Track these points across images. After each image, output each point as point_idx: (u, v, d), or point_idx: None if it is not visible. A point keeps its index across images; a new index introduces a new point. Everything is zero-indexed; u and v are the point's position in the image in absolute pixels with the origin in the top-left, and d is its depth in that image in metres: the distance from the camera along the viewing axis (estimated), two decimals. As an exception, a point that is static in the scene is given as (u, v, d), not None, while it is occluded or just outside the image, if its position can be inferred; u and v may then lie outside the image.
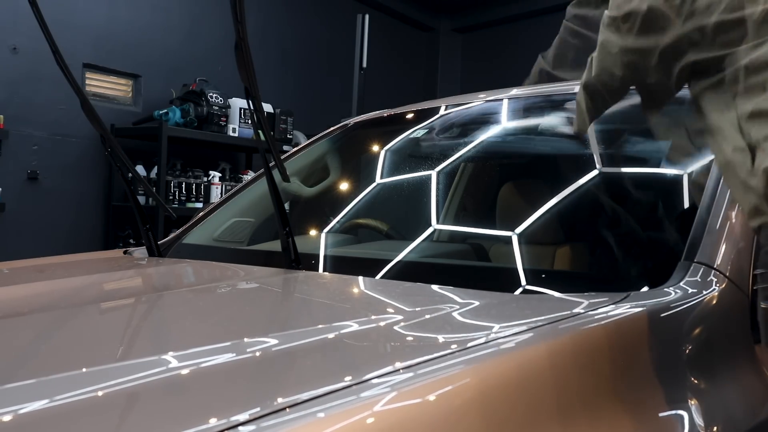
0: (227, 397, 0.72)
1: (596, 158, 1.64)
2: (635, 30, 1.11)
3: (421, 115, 2.16)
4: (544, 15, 6.63)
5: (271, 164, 1.41)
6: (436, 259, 1.72)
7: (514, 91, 2.04)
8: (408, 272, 1.48)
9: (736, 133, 1.00)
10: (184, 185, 4.51)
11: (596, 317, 1.04)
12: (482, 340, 0.89)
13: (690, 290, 1.17)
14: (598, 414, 0.91)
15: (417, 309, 1.18)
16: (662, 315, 1.12)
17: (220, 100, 4.61)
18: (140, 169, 4.34)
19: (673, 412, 1.02)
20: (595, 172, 1.64)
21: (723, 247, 1.25)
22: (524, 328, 0.97)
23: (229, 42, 1.31)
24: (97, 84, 4.52)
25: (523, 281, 1.38)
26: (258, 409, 0.65)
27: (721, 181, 1.35)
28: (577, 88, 1.87)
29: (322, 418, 0.65)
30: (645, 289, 1.22)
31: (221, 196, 4.29)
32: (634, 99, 1.27)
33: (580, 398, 0.90)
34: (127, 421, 0.68)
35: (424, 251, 1.74)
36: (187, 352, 0.88)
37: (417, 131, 2.12)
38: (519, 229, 1.58)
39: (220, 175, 4.85)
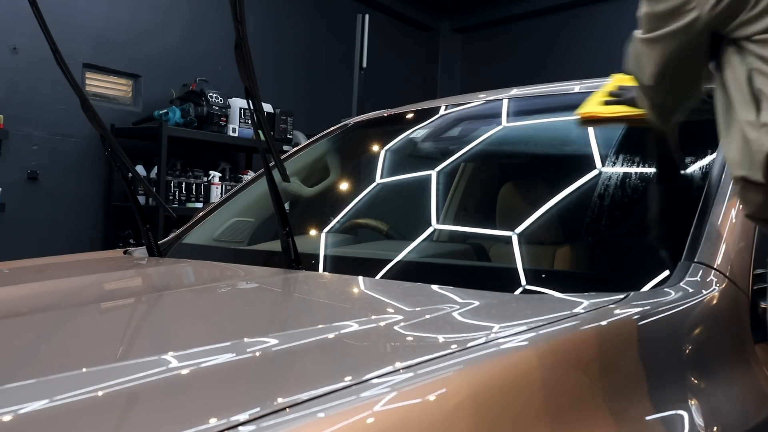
0: (227, 397, 0.72)
1: (596, 158, 1.64)
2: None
3: (421, 115, 2.16)
4: (544, 15, 6.64)
5: (271, 164, 1.41)
6: (436, 259, 1.72)
7: (514, 91, 2.04)
8: (408, 272, 1.48)
9: (745, 83, 1.05)
10: (184, 185, 4.50)
11: (596, 317, 1.04)
12: (482, 340, 0.89)
13: (690, 290, 1.17)
14: (598, 414, 0.91)
15: (417, 309, 1.18)
16: (662, 315, 1.12)
17: (220, 100, 4.61)
18: (140, 169, 4.34)
19: (673, 412, 1.02)
20: (595, 172, 1.64)
21: (723, 247, 1.25)
22: (524, 328, 0.97)
23: (229, 42, 1.31)
24: (97, 84, 4.52)
25: (523, 281, 1.38)
26: (258, 409, 0.65)
27: (722, 181, 1.35)
28: (576, 88, 1.86)
29: (322, 418, 0.65)
30: (645, 289, 1.22)
31: (221, 196, 4.29)
32: None
33: (580, 398, 0.90)
34: (127, 421, 0.68)
35: (424, 251, 1.74)
36: (187, 352, 0.88)
37: (417, 131, 2.12)
38: (519, 229, 1.58)
39: (220, 175, 4.85)
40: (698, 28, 1.10)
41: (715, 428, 1.04)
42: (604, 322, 1.03)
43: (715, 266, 1.23)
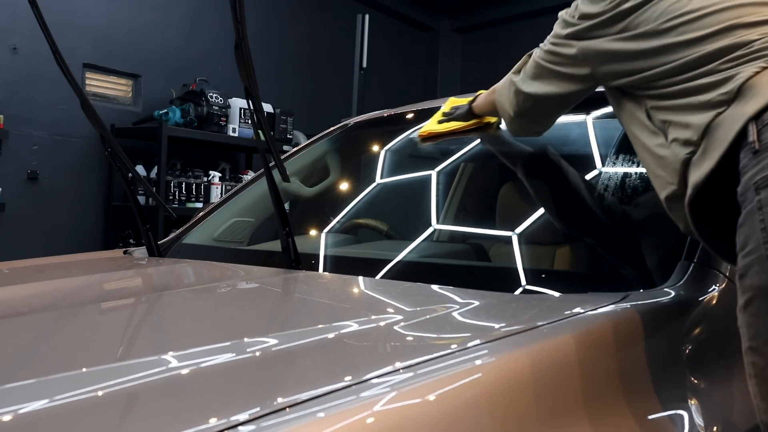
0: (227, 397, 0.72)
1: (596, 158, 1.64)
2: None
3: (421, 115, 2.16)
4: (544, 15, 6.63)
5: (271, 164, 1.41)
6: (436, 259, 1.72)
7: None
8: (408, 272, 1.48)
9: (646, 119, 1.18)
10: (184, 185, 4.50)
11: (596, 317, 1.04)
12: (482, 340, 0.89)
13: (690, 290, 1.17)
14: (598, 414, 0.91)
15: (417, 309, 1.18)
16: (662, 315, 1.12)
17: (220, 100, 4.61)
18: (140, 169, 4.34)
19: (673, 412, 1.02)
20: (594, 173, 1.64)
21: (723, 247, 1.25)
22: (524, 328, 0.97)
23: (229, 42, 1.31)
24: (97, 84, 4.52)
25: (523, 281, 1.38)
26: (258, 409, 0.65)
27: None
28: None
29: (322, 418, 0.65)
30: (645, 289, 1.22)
31: (221, 196, 4.29)
32: None
33: (580, 398, 0.90)
34: (127, 421, 0.68)
35: (424, 251, 1.74)
36: (187, 352, 0.88)
37: (417, 131, 2.12)
38: (519, 229, 1.58)
39: (220, 175, 4.85)
40: (587, 80, 1.29)
41: (715, 428, 1.04)
42: (603, 322, 1.03)
43: (715, 266, 1.23)
